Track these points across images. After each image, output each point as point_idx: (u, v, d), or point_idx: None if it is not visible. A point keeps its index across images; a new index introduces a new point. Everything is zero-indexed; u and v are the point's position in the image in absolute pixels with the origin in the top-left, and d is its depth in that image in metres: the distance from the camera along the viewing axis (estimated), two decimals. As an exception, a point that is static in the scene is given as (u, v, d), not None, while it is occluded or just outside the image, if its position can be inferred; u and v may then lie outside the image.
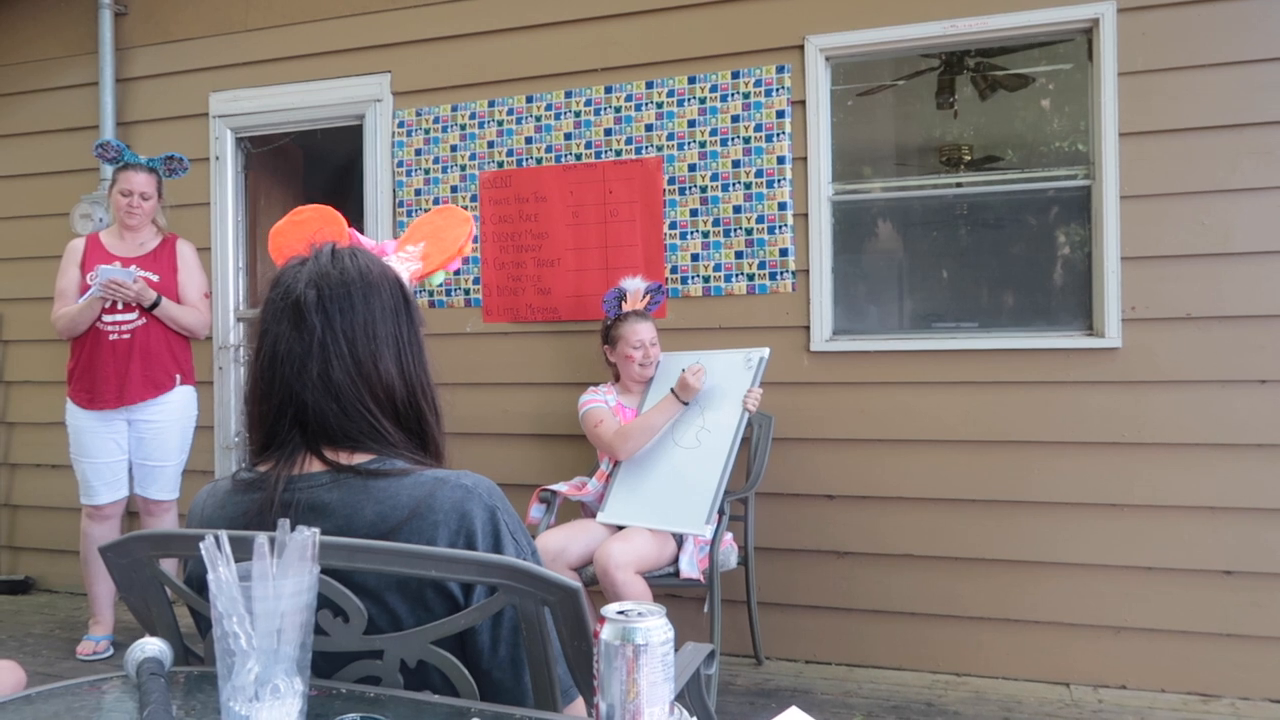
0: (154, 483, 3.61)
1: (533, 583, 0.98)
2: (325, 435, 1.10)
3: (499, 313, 3.84)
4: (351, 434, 1.10)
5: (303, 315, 1.09)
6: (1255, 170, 3.05)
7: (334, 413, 1.09)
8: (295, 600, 0.86)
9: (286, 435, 1.11)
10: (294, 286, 1.11)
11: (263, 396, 1.12)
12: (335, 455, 1.10)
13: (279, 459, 1.11)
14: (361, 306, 1.11)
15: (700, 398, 3.15)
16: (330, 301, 1.10)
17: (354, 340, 1.10)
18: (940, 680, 3.27)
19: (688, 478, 3.05)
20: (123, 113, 4.40)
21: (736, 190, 3.54)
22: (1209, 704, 3.01)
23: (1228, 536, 3.06)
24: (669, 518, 2.99)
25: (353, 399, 1.09)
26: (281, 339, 1.10)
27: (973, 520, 3.30)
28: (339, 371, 1.09)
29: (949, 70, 3.81)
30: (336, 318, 1.10)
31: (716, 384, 3.18)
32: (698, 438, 3.12)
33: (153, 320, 3.52)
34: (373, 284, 1.13)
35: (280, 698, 0.84)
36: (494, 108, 3.86)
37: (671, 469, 3.11)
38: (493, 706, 0.98)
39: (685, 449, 3.12)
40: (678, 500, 3.01)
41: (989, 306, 3.63)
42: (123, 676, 1.03)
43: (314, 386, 1.09)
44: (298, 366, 1.09)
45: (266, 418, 1.12)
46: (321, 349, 1.09)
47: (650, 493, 3.09)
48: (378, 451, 1.11)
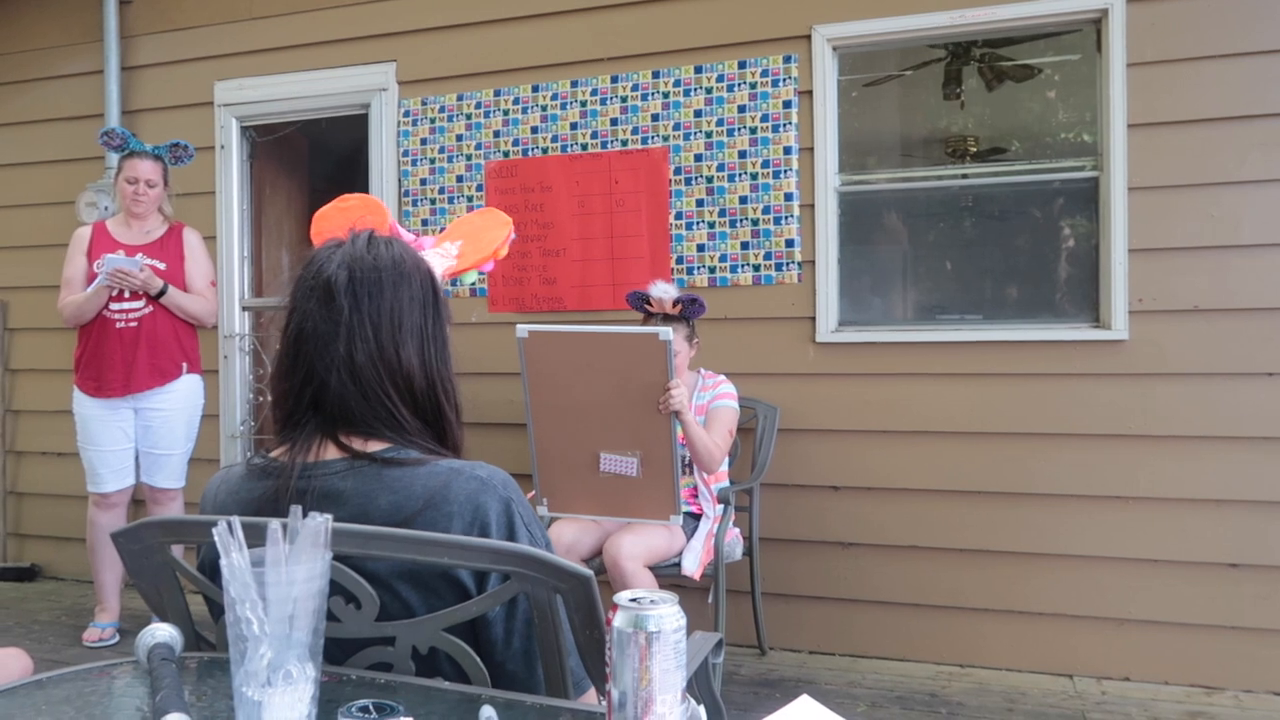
0: (160, 471, 3.61)
1: (545, 570, 0.98)
2: (343, 418, 1.11)
3: (504, 302, 3.84)
4: (368, 419, 1.11)
5: (332, 295, 1.10)
6: (1264, 162, 3.04)
7: (353, 395, 1.10)
8: (308, 586, 0.86)
9: (304, 415, 1.12)
10: (326, 266, 1.12)
11: (286, 373, 1.13)
12: (350, 442, 1.10)
13: (294, 444, 1.11)
14: (390, 293, 1.12)
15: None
16: (360, 285, 1.11)
17: (379, 325, 1.11)
18: (944, 671, 3.27)
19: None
20: (127, 101, 4.40)
21: (743, 181, 3.53)
22: (1212, 696, 3.01)
23: (1233, 529, 3.06)
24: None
25: (373, 383, 1.10)
26: (309, 317, 1.11)
27: (977, 512, 3.30)
28: (362, 354, 1.10)
29: (956, 61, 3.80)
30: (365, 301, 1.10)
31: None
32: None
33: (160, 309, 3.52)
34: (404, 273, 1.14)
35: (293, 683, 0.84)
36: (500, 97, 3.85)
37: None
38: (504, 693, 0.98)
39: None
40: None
41: (994, 298, 3.62)
42: (133, 662, 1.03)
43: (336, 367, 1.09)
44: (322, 345, 1.10)
45: (288, 396, 1.13)
46: (347, 330, 1.10)
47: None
48: (393, 440, 1.11)
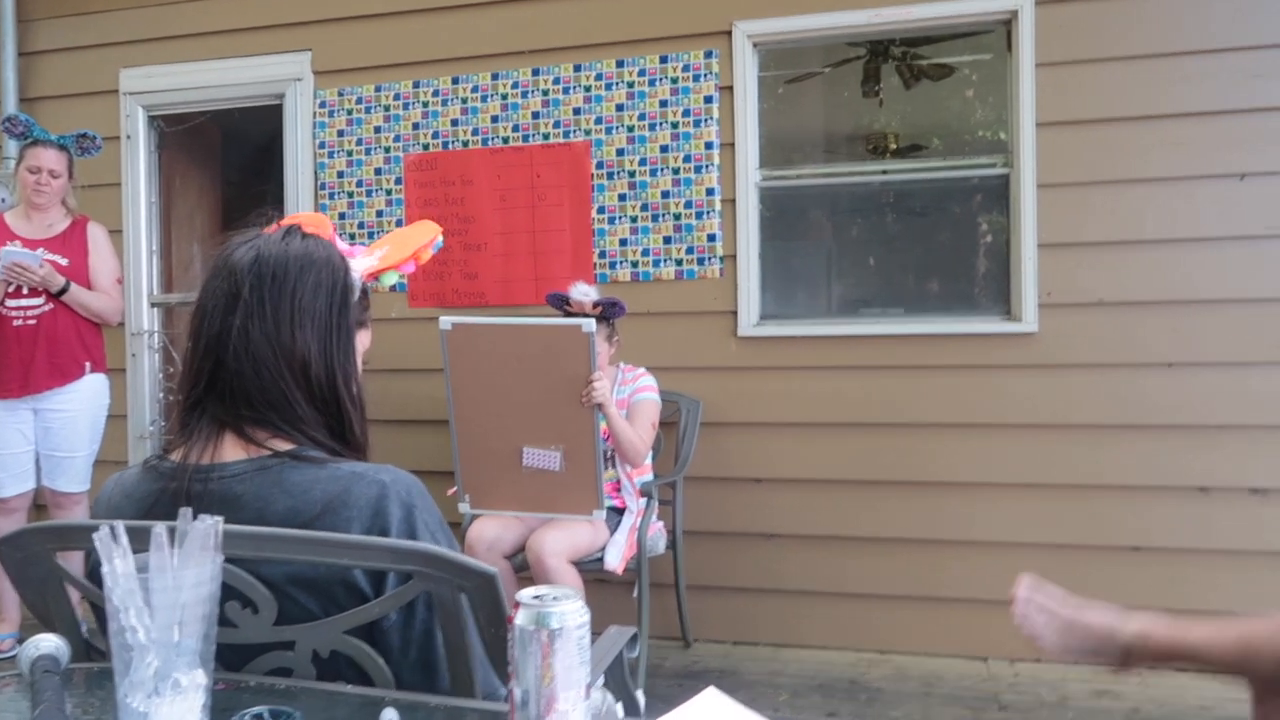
0: (62, 474, 3.46)
1: (448, 569, 0.96)
2: (243, 402, 1.09)
3: (425, 298, 3.78)
4: (263, 405, 1.09)
5: (234, 273, 1.11)
6: (1166, 160, 3.16)
7: (249, 376, 1.08)
8: (196, 591, 0.83)
9: (204, 398, 1.10)
10: (236, 249, 1.13)
11: (189, 353, 1.13)
12: (254, 434, 1.08)
13: (190, 441, 1.09)
14: (295, 277, 1.11)
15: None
16: (265, 266, 1.11)
17: (279, 307, 1.10)
18: (864, 659, 3.33)
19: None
20: (26, 88, 4.20)
21: (665, 175, 3.54)
22: (1118, 676, 3.12)
23: (1136, 514, 3.18)
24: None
25: (268, 363, 1.09)
26: (210, 293, 1.12)
27: (897, 501, 3.37)
28: (257, 331, 1.09)
29: (875, 59, 3.86)
30: (267, 281, 1.10)
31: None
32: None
33: (60, 306, 3.37)
34: (312, 261, 1.14)
35: (181, 692, 0.81)
36: (419, 89, 3.78)
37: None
38: (407, 695, 0.96)
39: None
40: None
41: (914, 292, 3.70)
42: (17, 675, 0.99)
43: (232, 343, 1.08)
44: (220, 322, 1.10)
45: (189, 375, 1.12)
46: (245, 308, 1.09)
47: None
48: (291, 436, 1.09)
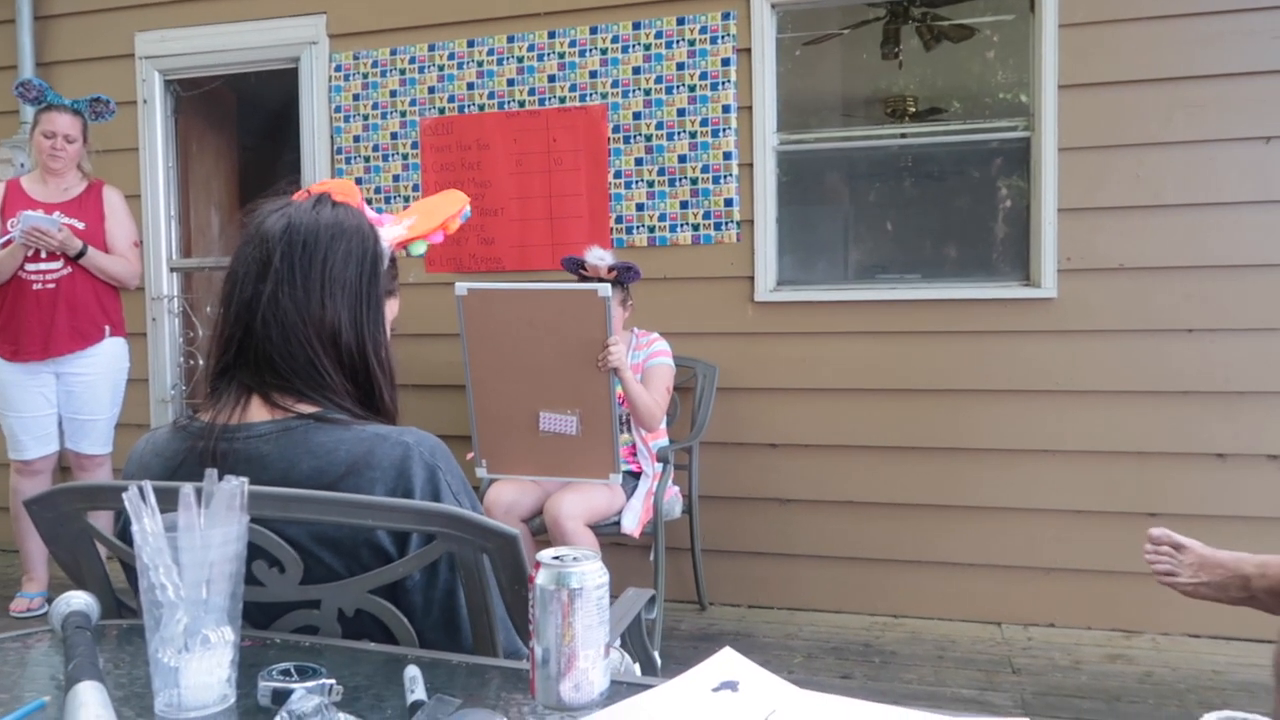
0: (85, 437, 3.51)
1: (471, 530, 0.97)
2: (268, 370, 1.10)
3: (442, 262, 3.79)
4: (291, 373, 1.10)
5: (265, 240, 1.11)
6: (1188, 124, 3.11)
7: (277, 344, 1.09)
8: (224, 550, 0.84)
9: (234, 365, 1.11)
10: (268, 217, 1.14)
11: (219, 319, 1.14)
12: (281, 400, 1.09)
13: (219, 403, 1.10)
14: (326, 245, 1.12)
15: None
16: (296, 233, 1.11)
17: (309, 275, 1.10)
18: (878, 622, 3.36)
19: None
20: (42, 53, 4.20)
21: (681, 139, 3.51)
22: (1131, 639, 3.14)
23: (1153, 480, 3.17)
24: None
25: (297, 331, 1.09)
26: (241, 260, 1.13)
27: (911, 466, 3.37)
28: (287, 299, 1.09)
29: (895, 20, 3.80)
30: (298, 249, 1.11)
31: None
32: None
33: (79, 269, 3.39)
34: (344, 230, 1.14)
35: (210, 648, 0.83)
36: (434, 52, 3.76)
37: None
38: (429, 653, 0.98)
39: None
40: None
41: (932, 257, 3.68)
42: (49, 631, 1.01)
43: (262, 310, 1.09)
44: (250, 290, 1.10)
45: (219, 342, 1.13)
46: (275, 275, 1.10)
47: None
48: (318, 401, 1.10)
